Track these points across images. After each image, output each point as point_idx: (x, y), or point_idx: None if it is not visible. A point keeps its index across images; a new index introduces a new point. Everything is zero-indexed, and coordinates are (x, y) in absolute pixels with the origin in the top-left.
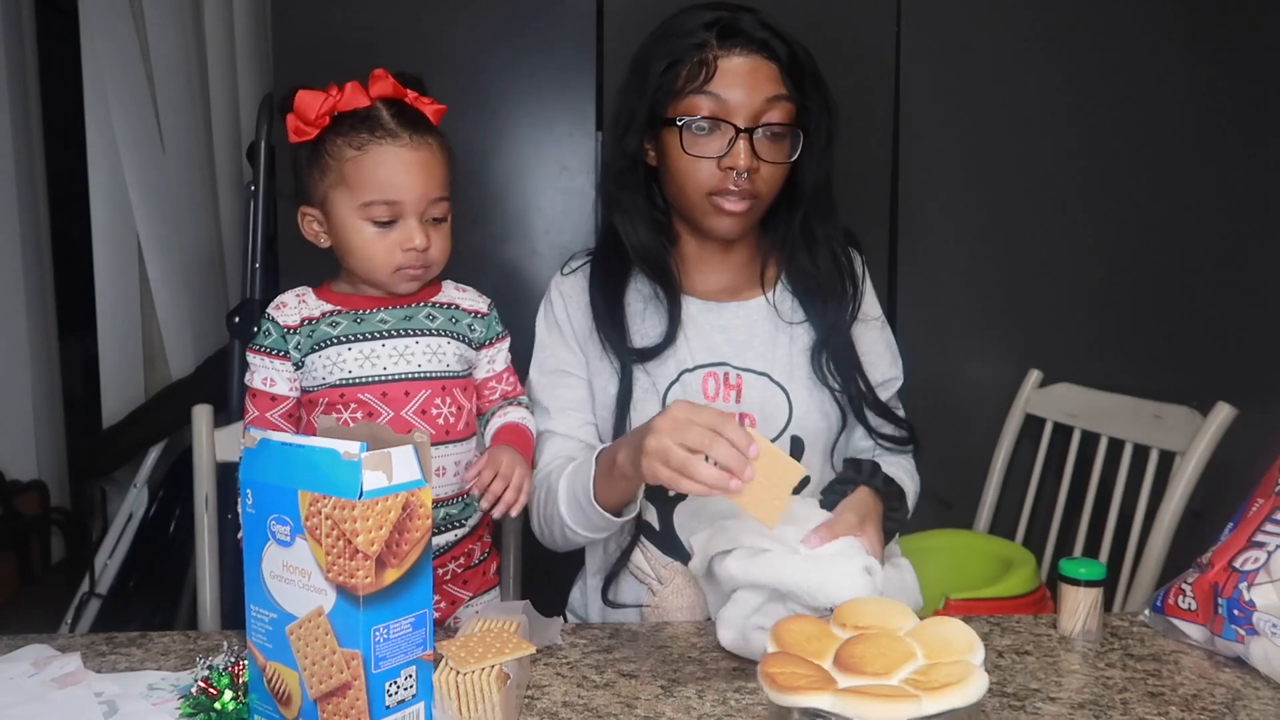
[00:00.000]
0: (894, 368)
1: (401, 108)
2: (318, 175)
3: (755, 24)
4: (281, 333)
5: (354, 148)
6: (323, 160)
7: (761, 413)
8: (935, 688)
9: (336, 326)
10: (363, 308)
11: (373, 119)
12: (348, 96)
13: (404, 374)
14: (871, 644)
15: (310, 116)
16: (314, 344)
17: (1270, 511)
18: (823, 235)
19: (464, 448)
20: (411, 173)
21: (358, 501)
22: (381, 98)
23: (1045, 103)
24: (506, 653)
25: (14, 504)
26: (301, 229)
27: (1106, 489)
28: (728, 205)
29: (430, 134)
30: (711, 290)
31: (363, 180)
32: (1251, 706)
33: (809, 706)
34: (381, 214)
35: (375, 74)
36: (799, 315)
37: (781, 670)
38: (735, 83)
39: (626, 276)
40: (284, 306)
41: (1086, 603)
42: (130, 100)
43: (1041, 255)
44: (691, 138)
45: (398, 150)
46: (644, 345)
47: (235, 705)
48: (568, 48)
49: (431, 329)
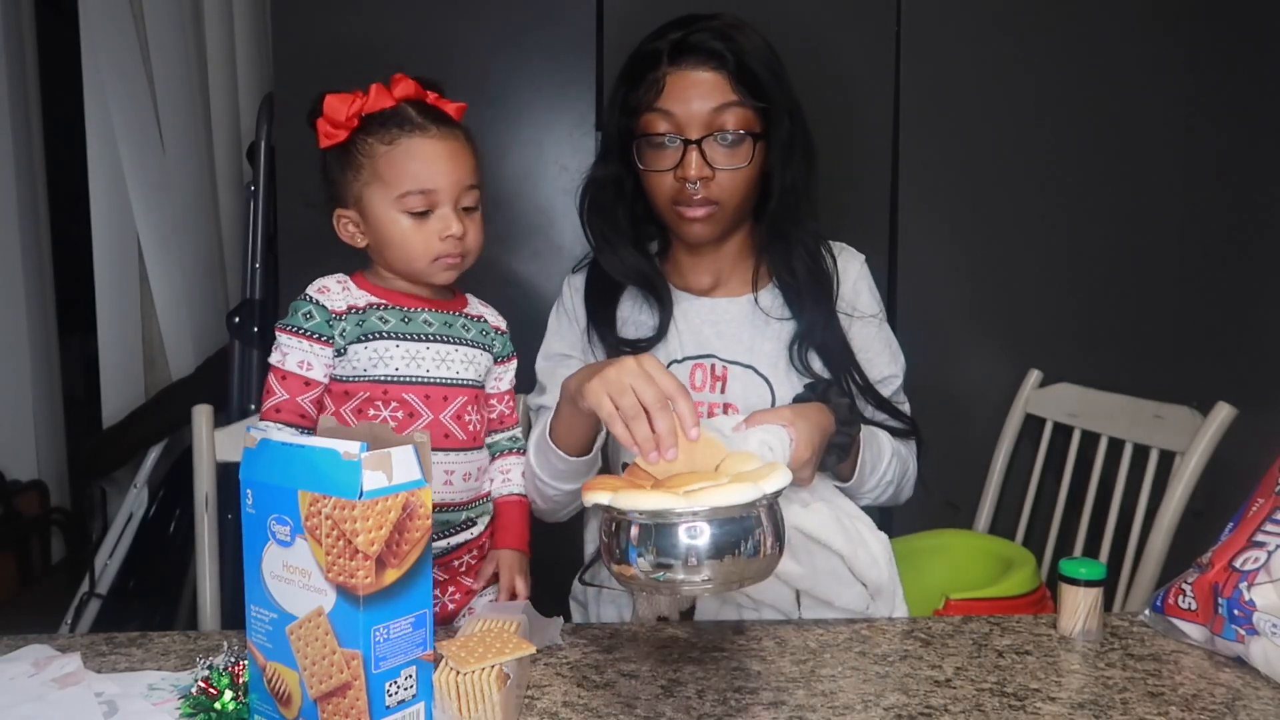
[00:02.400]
0: (893, 364)
1: (425, 105)
2: (351, 175)
3: (708, 36)
4: (328, 317)
5: (385, 143)
6: (355, 160)
7: (744, 403)
8: (694, 491)
9: (387, 322)
10: (405, 304)
11: (400, 115)
12: (373, 98)
13: (445, 379)
14: (689, 475)
15: (340, 119)
16: (362, 333)
17: (1270, 511)
18: (795, 237)
19: (484, 454)
20: (443, 161)
21: (358, 501)
22: (405, 98)
23: (1045, 103)
24: (506, 653)
25: (14, 504)
26: (338, 232)
27: (1106, 489)
28: (688, 213)
29: (453, 126)
30: (703, 286)
31: (396, 173)
32: (1251, 706)
33: (595, 501)
34: (417, 204)
35: (396, 77)
36: (786, 312)
37: (600, 480)
38: (684, 96)
39: (618, 285)
40: (328, 291)
41: (1086, 603)
42: (130, 100)
43: (1041, 255)
44: (649, 153)
45: (428, 141)
46: (637, 337)
47: (235, 705)
48: (568, 49)
49: (467, 339)
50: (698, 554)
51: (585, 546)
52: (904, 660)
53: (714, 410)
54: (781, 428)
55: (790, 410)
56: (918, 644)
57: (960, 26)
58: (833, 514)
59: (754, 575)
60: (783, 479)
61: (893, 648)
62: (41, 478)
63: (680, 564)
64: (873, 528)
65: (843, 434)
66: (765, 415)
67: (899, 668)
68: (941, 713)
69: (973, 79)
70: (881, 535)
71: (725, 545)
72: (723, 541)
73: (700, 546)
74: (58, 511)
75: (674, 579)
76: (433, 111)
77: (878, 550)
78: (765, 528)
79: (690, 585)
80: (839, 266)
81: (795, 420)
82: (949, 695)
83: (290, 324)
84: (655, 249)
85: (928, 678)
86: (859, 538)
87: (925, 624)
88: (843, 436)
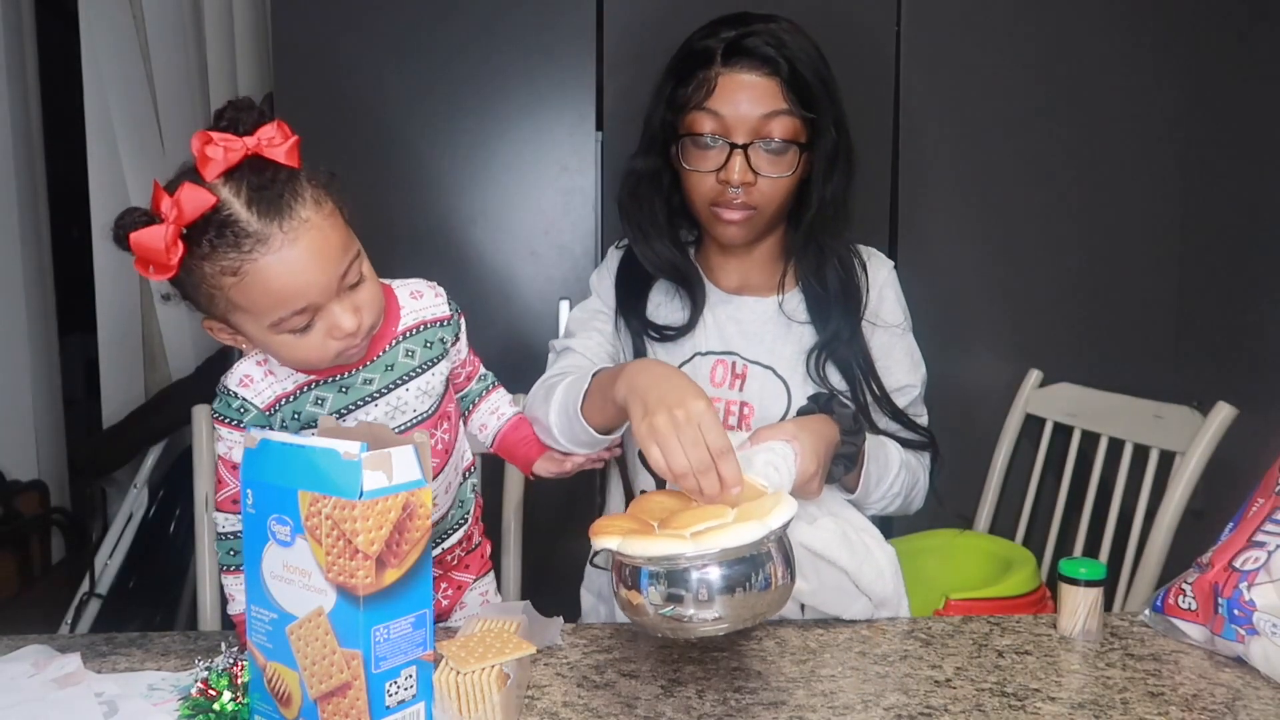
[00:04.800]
0: (912, 374)
1: (253, 185)
2: (207, 303)
3: (762, 41)
4: (259, 414)
5: (230, 275)
6: (202, 289)
7: (760, 403)
8: (702, 533)
9: (323, 404)
10: (339, 372)
11: (228, 227)
12: (186, 201)
13: (401, 425)
14: (694, 510)
15: (162, 260)
16: (302, 424)
17: (1270, 511)
18: (830, 249)
19: (460, 454)
20: (308, 270)
21: (358, 501)
22: (224, 175)
23: (1045, 103)
24: (506, 653)
25: (14, 504)
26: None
27: (1106, 489)
28: (725, 215)
29: (300, 205)
30: (732, 284)
31: (257, 303)
32: (1251, 706)
33: (603, 547)
34: (297, 323)
35: (196, 149)
36: (809, 317)
37: (607, 522)
38: (734, 99)
39: (651, 276)
40: (251, 383)
41: (1086, 603)
42: (130, 100)
43: (1041, 255)
44: (693, 152)
45: (279, 256)
46: (666, 324)
47: (234, 706)
48: (568, 48)
49: (415, 367)
50: (710, 596)
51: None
52: (904, 660)
53: (730, 408)
54: (785, 443)
55: (793, 425)
56: (918, 644)
57: (960, 26)
58: (839, 529)
59: (767, 608)
60: (788, 510)
61: (893, 648)
62: (41, 478)
63: (693, 607)
64: (880, 540)
65: (848, 444)
66: (769, 431)
67: (899, 668)
68: (941, 713)
69: (973, 79)
70: (889, 548)
71: (736, 585)
72: (734, 582)
73: (711, 589)
74: (58, 511)
75: (688, 623)
76: (267, 199)
77: (884, 564)
78: (775, 560)
79: (705, 626)
80: (867, 274)
81: (799, 434)
82: (949, 695)
83: (224, 415)
84: (690, 239)
85: (928, 678)
86: (865, 552)
87: (925, 624)
88: (848, 446)
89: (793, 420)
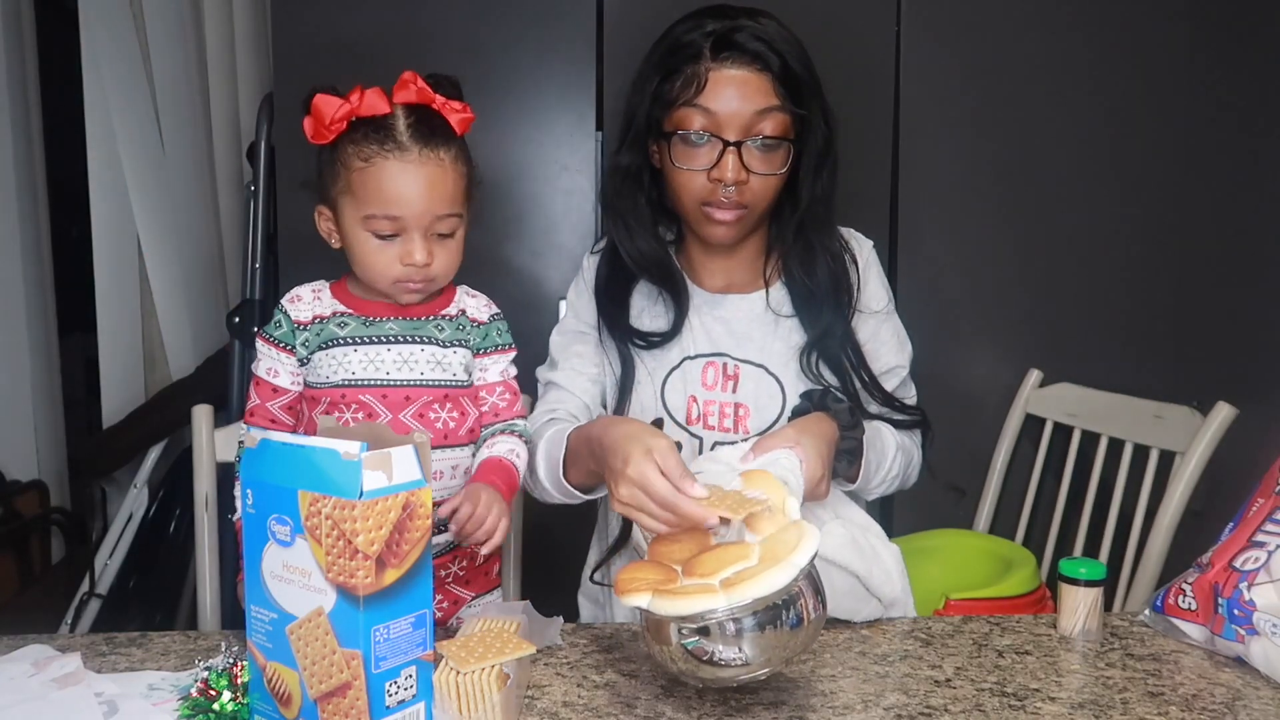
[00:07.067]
0: (899, 355)
1: (421, 117)
2: (330, 179)
3: (751, 35)
4: (292, 327)
5: (361, 159)
6: (335, 166)
7: (755, 403)
8: (731, 581)
9: (344, 328)
10: (373, 314)
11: (385, 131)
12: (368, 102)
13: (406, 380)
14: (717, 551)
15: (325, 121)
16: (321, 342)
17: (1270, 511)
18: (819, 245)
19: (464, 453)
20: (416, 189)
21: (358, 501)
22: (405, 103)
23: (1045, 103)
24: (506, 653)
25: (14, 504)
26: (317, 225)
27: (1106, 489)
28: (717, 215)
29: (445, 147)
30: (716, 284)
31: (367, 193)
32: (1251, 706)
33: (633, 606)
34: (383, 228)
35: (403, 78)
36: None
37: (631, 575)
38: (726, 95)
39: (633, 278)
40: (299, 300)
41: (1086, 603)
42: (130, 100)
43: (1041, 255)
44: (683, 150)
45: (404, 166)
46: (651, 330)
47: (234, 706)
48: (568, 48)
49: (439, 339)
50: (748, 647)
51: (592, 543)
52: (904, 660)
53: (725, 410)
54: (788, 451)
55: (793, 429)
56: (918, 644)
57: (960, 26)
58: (848, 533)
59: (804, 645)
60: (812, 544)
61: (893, 648)
62: (41, 478)
63: (731, 658)
64: (884, 539)
65: (848, 439)
66: (770, 440)
67: (899, 668)
68: (941, 713)
69: (973, 78)
70: (893, 547)
71: (771, 629)
72: (769, 627)
73: (748, 640)
74: (58, 511)
75: (726, 674)
76: (425, 128)
77: (890, 564)
78: (806, 595)
79: (745, 674)
80: (858, 266)
81: (800, 439)
82: (949, 695)
83: (265, 331)
84: (670, 237)
85: (928, 678)
86: (873, 554)
87: (925, 624)
88: (849, 441)
89: (792, 425)
